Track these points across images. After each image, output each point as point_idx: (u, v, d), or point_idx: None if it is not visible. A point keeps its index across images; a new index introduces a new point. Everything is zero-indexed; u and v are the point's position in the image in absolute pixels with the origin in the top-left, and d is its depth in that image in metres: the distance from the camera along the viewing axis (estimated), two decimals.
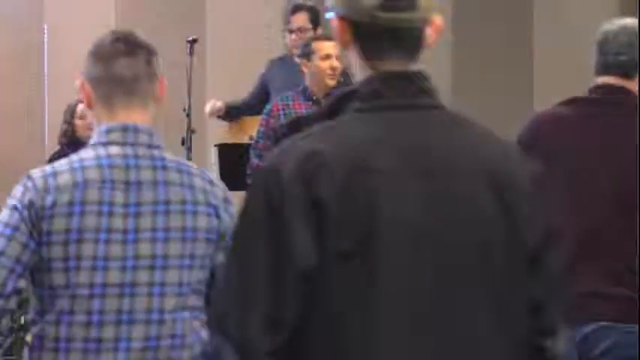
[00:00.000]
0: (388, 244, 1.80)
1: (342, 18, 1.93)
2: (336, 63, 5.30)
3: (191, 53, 5.96)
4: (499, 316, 1.86)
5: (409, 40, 1.96)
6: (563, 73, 8.51)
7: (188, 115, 5.82)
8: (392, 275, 1.80)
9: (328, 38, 5.36)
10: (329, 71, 5.28)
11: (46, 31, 8.43)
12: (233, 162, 5.85)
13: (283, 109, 5.27)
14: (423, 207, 1.83)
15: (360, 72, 1.94)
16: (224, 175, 5.88)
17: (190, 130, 5.80)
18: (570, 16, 8.59)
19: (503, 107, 8.58)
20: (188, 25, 8.38)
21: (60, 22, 8.46)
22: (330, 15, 1.99)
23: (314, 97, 5.30)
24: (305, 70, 5.34)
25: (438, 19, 2.05)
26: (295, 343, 1.79)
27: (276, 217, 1.79)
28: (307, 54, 5.33)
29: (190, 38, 5.99)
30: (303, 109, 5.27)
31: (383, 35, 1.92)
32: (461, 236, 1.84)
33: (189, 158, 5.69)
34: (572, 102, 3.43)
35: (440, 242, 1.84)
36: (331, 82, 5.29)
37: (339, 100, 1.94)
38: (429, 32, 2.03)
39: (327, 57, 5.28)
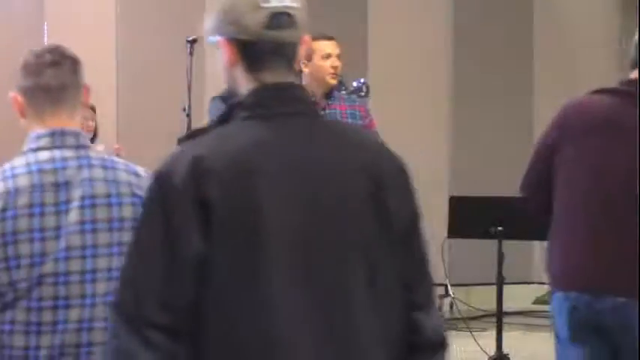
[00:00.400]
0: (270, 236, 2.03)
1: (229, 39, 2.17)
2: (337, 62, 5.29)
3: (191, 53, 5.95)
4: (375, 293, 2.11)
5: (289, 55, 2.18)
6: (563, 73, 8.51)
7: (188, 115, 5.82)
8: (275, 262, 2.03)
9: (328, 37, 5.35)
10: (330, 70, 5.27)
11: (46, 31, 8.44)
12: None
13: None
14: (303, 204, 2.08)
15: (244, 85, 2.17)
16: None
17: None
18: (570, 16, 8.59)
19: (504, 107, 8.58)
20: (188, 25, 8.38)
21: (60, 22, 8.46)
22: (213, 40, 2.23)
23: (313, 98, 5.29)
24: (305, 70, 5.33)
25: (306, 37, 2.23)
26: (191, 320, 2.02)
27: (170, 215, 2.03)
28: (307, 54, 5.32)
29: (190, 38, 5.98)
30: None
31: (267, 51, 2.15)
32: (339, 227, 2.09)
33: None
34: (600, 91, 3.69)
35: (319, 231, 2.08)
36: (332, 81, 5.28)
37: (229, 111, 2.16)
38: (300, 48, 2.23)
39: (328, 56, 5.28)
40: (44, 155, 2.70)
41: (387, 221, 2.14)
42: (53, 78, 2.74)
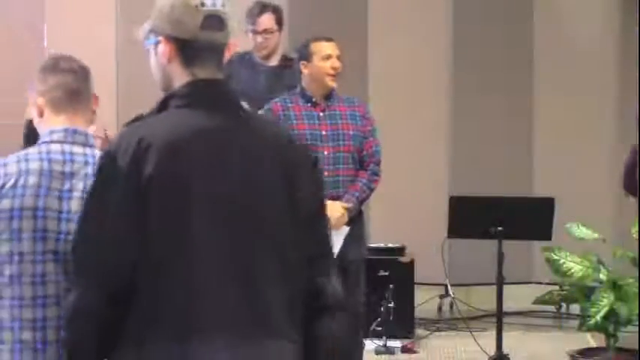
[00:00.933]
0: (196, 206, 2.38)
1: (168, 38, 2.53)
2: (337, 63, 5.29)
3: None
4: (282, 263, 2.45)
5: (219, 54, 2.53)
6: (563, 73, 8.50)
7: None
8: (198, 227, 2.38)
9: (327, 39, 5.35)
10: (330, 71, 5.27)
11: (45, 32, 8.43)
12: None
13: (283, 111, 5.27)
14: (225, 180, 2.42)
15: (178, 80, 2.52)
16: None
17: None
18: (570, 16, 8.58)
19: (504, 107, 8.57)
20: None
21: (60, 23, 8.46)
22: (151, 41, 2.60)
23: (313, 99, 5.29)
24: (305, 71, 5.33)
25: (232, 41, 2.55)
26: (132, 288, 2.37)
27: (116, 188, 2.38)
28: (306, 55, 5.32)
29: None
30: (302, 111, 5.27)
31: (202, 49, 2.50)
32: (255, 203, 2.44)
33: None
34: None
35: (238, 205, 2.42)
36: (332, 83, 5.28)
37: (165, 100, 2.51)
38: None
39: (328, 57, 5.28)
40: (56, 147, 2.97)
41: (295, 204, 2.47)
42: (73, 82, 3.02)
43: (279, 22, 6.22)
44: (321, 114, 5.27)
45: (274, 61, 6.27)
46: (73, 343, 2.45)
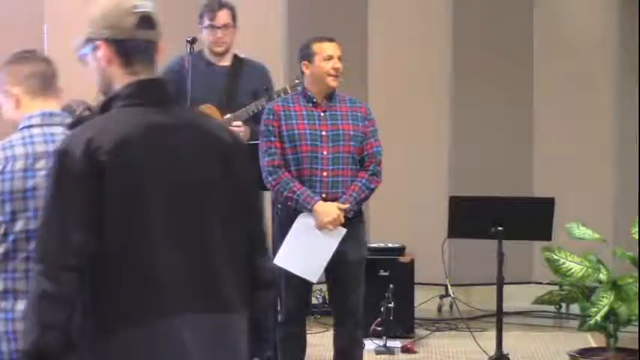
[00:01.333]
0: (148, 194, 2.60)
1: (107, 41, 2.72)
2: (338, 64, 5.28)
3: (191, 53, 5.95)
4: (229, 243, 2.70)
5: (154, 52, 2.78)
6: (563, 73, 8.50)
7: None
8: (152, 214, 2.60)
9: (329, 39, 5.35)
10: (332, 72, 5.26)
11: (45, 32, 8.43)
12: None
13: (284, 111, 5.26)
14: (173, 169, 2.64)
15: (119, 81, 2.71)
16: None
17: None
18: (570, 16, 8.58)
19: (504, 107, 8.57)
20: (188, 25, 8.37)
21: (60, 22, 8.45)
22: (88, 50, 2.77)
23: (314, 99, 5.29)
24: (306, 71, 5.32)
25: (161, 43, 2.83)
26: (92, 262, 2.57)
27: (72, 183, 2.57)
28: (308, 55, 5.31)
29: (190, 38, 5.98)
30: (303, 110, 5.26)
31: (139, 48, 2.72)
32: (200, 189, 2.67)
33: None
34: None
35: (186, 191, 2.65)
36: (333, 83, 5.27)
37: (108, 102, 2.72)
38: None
39: (330, 58, 5.27)
40: (37, 130, 3.23)
41: (235, 188, 2.73)
42: (46, 67, 3.35)
43: (235, 19, 6.24)
44: (322, 114, 5.27)
45: (227, 61, 6.25)
46: (42, 327, 2.55)
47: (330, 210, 5.12)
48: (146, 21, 2.75)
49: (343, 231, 5.17)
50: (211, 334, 2.66)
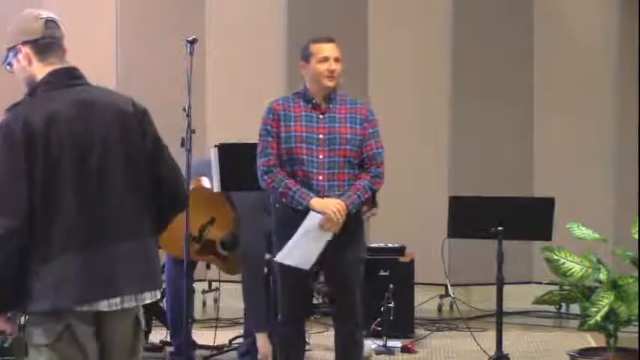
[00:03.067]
0: (70, 154, 3.36)
1: (24, 44, 3.49)
2: (334, 65, 5.26)
3: (191, 53, 5.94)
4: (135, 186, 3.48)
5: (62, 47, 3.52)
6: (563, 73, 8.50)
7: (188, 115, 5.81)
8: (71, 170, 3.37)
9: (328, 40, 5.33)
10: (327, 73, 5.25)
11: None
12: (233, 162, 5.84)
13: (284, 111, 5.26)
14: (92, 133, 3.42)
15: (39, 74, 3.46)
16: (224, 175, 5.87)
17: (190, 130, 5.78)
18: (570, 16, 8.58)
19: (504, 107, 8.57)
20: (188, 25, 8.37)
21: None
22: (11, 57, 3.53)
23: (314, 101, 5.28)
24: (304, 72, 5.31)
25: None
26: (34, 219, 3.33)
27: (15, 152, 3.32)
28: (306, 56, 5.31)
29: (190, 38, 5.97)
30: (302, 111, 5.25)
31: (50, 44, 3.48)
32: (115, 145, 3.45)
33: (189, 158, 5.69)
34: None
35: (103, 150, 3.43)
36: (329, 84, 5.25)
37: (34, 89, 3.46)
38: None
39: (325, 60, 5.25)
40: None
41: (143, 141, 3.52)
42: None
43: None
44: (321, 116, 5.25)
45: None
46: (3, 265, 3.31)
47: (329, 202, 5.10)
48: (52, 23, 3.50)
49: (329, 235, 5.12)
50: (130, 253, 3.47)
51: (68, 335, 3.38)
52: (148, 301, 3.53)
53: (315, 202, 5.11)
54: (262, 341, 6.15)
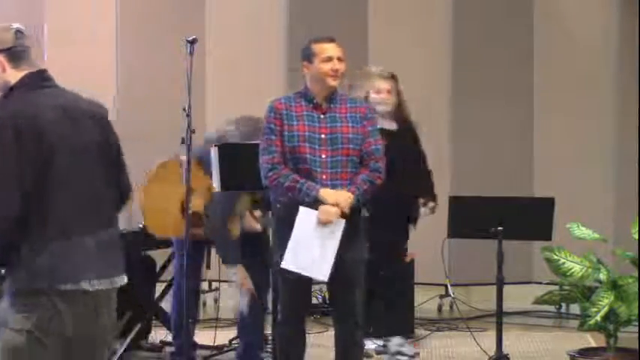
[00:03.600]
0: (56, 153, 3.54)
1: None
2: (337, 65, 5.27)
3: (191, 53, 5.94)
4: (108, 181, 3.74)
5: (30, 54, 3.71)
6: (563, 73, 8.51)
7: (188, 115, 5.81)
8: (61, 166, 3.56)
9: (330, 40, 5.33)
10: (330, 73, 5.25)
11: (45, 33, 8.44)
12: (233, 162, 5.85)
13: (286, 110, 5.26)
14: (71, 133, 3.60)
15: (14, 79, 3.63)
16: (224, 175, 5.87)
17: (190, 130, 5.78)
18: (570, 16, 8.58)
19: (504, 107, 8.58)
20: (188, 25, 8.38)
21: (60, 24, 8.46)
22: None
23: (315, 100, 5.28)
24: (306, 72, 5.32)
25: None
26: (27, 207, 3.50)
27: (7, 147, 3.46)
28: (308, 56, 5.31)
29: (190, 38, 5.97)
30: (304, 111, 5.25)
31: (22, 51, 3.67)
32: (92, 147, 3.66)
33: (189, 158, 5.69)
34: None
35: (82, 149, 3.63)
36: (333, 83, 5.26)
37: (10, 90, 3.63)
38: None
39: (329, 59, 5.26)
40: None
41: (110, 147, 3.76)
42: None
43: None
44: (322, 116, 5.26)
45: None
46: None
47: (341, 194, 5.09)
48: (21, 33, 3.71)
49: (342, 222, 5.14)
50: (104, 242, 3.71)
51: (54, 315, 3.56)
52: (118, 285, 3.78)
53: (325, 192, 5.10)
54: (240, 273, 6.13)
